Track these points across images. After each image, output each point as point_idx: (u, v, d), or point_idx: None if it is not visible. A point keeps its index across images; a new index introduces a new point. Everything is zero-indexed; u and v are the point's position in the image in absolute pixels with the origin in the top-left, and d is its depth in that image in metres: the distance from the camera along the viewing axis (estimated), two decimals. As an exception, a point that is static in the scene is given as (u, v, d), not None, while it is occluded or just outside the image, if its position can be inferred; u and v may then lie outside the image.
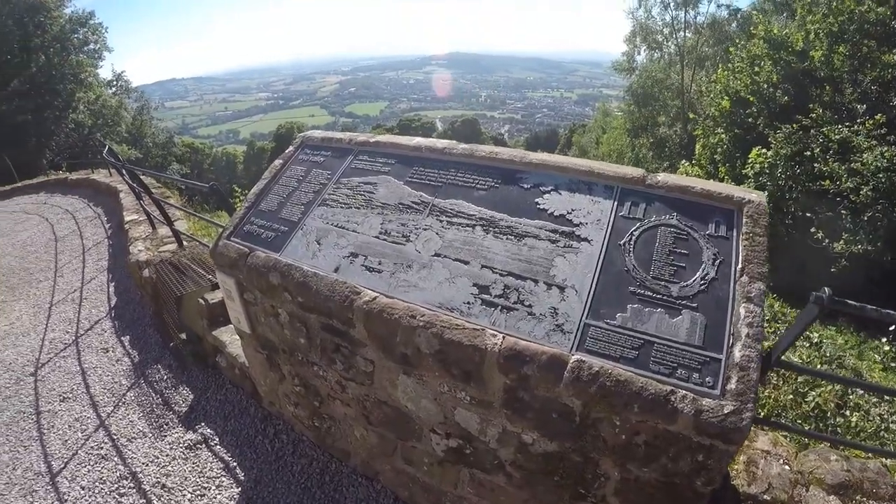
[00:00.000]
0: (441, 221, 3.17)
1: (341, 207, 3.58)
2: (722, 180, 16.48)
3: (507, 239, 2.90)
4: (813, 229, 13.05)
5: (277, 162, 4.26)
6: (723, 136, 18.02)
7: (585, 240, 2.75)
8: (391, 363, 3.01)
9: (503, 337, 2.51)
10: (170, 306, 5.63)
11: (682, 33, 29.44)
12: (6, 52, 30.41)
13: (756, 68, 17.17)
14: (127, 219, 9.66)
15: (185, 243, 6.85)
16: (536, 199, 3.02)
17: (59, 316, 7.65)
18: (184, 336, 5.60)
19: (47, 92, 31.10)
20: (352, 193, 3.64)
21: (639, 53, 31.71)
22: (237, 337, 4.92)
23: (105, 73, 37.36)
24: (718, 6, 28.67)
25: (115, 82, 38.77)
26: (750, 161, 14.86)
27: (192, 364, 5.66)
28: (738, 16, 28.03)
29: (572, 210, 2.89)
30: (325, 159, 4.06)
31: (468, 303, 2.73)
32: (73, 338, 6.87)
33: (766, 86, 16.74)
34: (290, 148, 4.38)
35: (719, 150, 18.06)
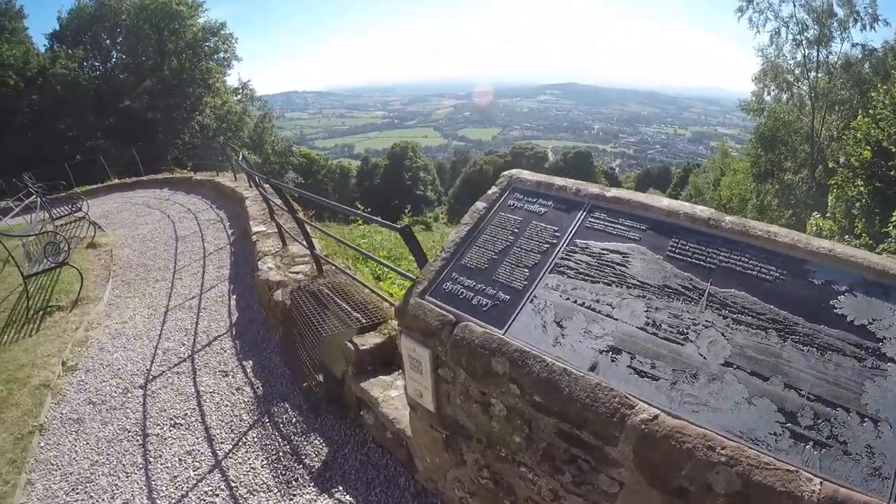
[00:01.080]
0: (724, 318, 2.43)
1: (583, 280, 2.76)
2: (859, 237, 15.74)
3: (808, 351, 2.24)
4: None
5: (480, 205, 3.46)
6: (862, 188, 16.44)
7: (892, 360, 2.14)
8: (655, 493, 2.28)
9: (820, 482, 1.96)
10: (308, 342, 4.87)
11: (813, 73, 27.28)
12: (142, 54, 32.43)
13: None
14: (254, 229, 9.15)
15: (323, 268, 6.15)
16: (832, 301, 2.34)
17: (175, 323, 7.15)
18: (320, 378, 4.82)
19: (177, 93, 32.87)
20: (595, 263, 2.82)
21: (768, 94, 29.59)
22: (391, 394, 4.13)
23: (232, 80, 39.29)
24: (853, 45, 26.65)
25: (240, 90, 40.40)
26: (893, 220, 13.62)
27: (326, 411, 4.80)
28: (872, 57, 26.02)
29: (873, 320, 2.24)
30: (545, 210, 3.27)
31: (775, 434, 2.09)
32: (190, 352, 6.28)
33: None
34: (494, 189, 3.56)
35: (857, 203, 16.53)
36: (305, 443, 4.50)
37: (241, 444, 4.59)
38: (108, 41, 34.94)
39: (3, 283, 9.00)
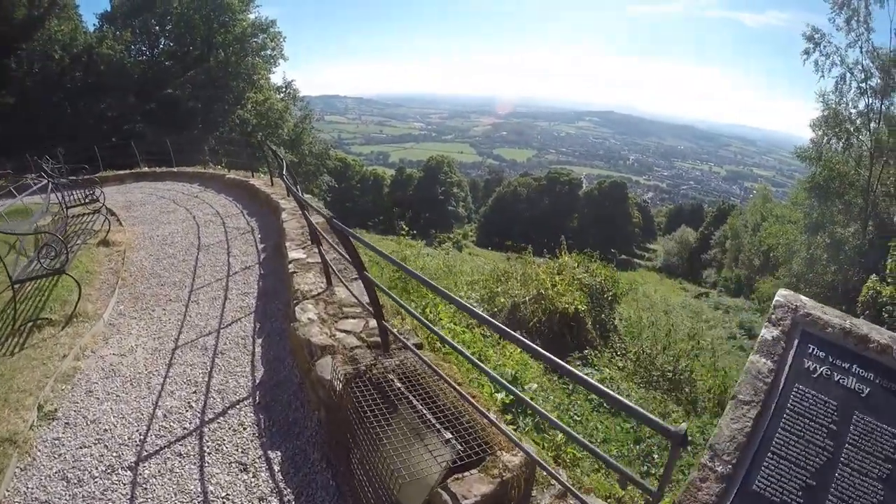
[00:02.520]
0: None
1: None
2: None
3: None
4: None
5: (760, 363, 2.18)
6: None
7: None
8: None
9: None
10: (367, 455, 3.25)
11: (874, 124, 25.92)
12: (190, 43, 31.76)
13: None
14: (291, 254, 7.55)
15: (391, 344, 4.49)
16: None
17: (183, 370, 5.60)
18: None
19: (221, 86, 32.24)
20: None
21: (827, 141, 28.02)
22: None
23: (276, 78, 38.60)
24: None
25: (284, 89, 40.02)
26: None
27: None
28: None
29: None
30: (868, 389, 1.97)
31: None
32: (198, 421, 4.71)
33: None
34: (773, 332, 2.23)
35: None
36: None
37: None
38: (157, 27, 34.52)
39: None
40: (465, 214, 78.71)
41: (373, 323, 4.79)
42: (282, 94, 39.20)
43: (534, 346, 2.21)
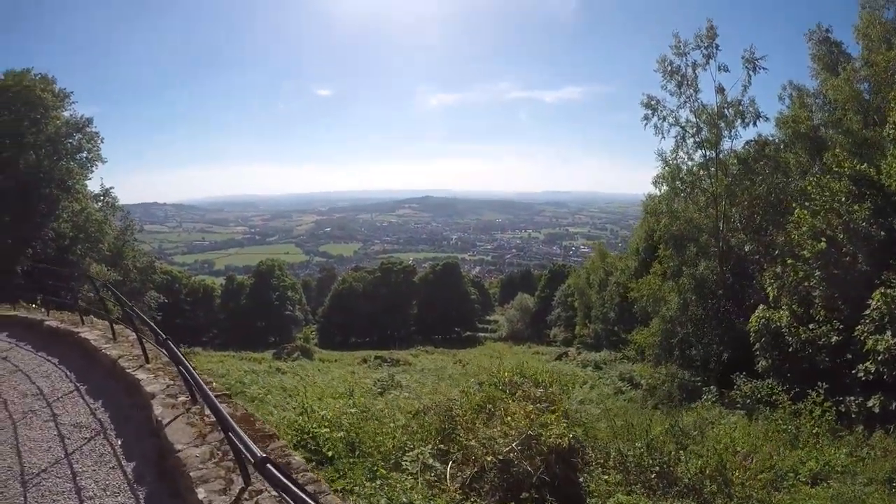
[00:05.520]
0: None
1: None
2: (823, 323, 17.51)
3: None
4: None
5: None
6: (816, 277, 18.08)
7: None
8: None
9: None
10: None
11: (713, 169, 28.44)
12: None
13: (854, 206, 17.24)
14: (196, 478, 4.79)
15: None
16: None
17: None
18: None
19: (32, 194, 27.76)
20: None
21: (675, 195, 30.33)
22: None
23: (93, 185, 34.35)
24: (747, 143, 28.26)
25: (102, 197, 35.68)
26: (873, 301, 15.12)
27: None
28: (767, 147, 27.59)
29: None
30: None
31: None
32: None
33: (863, 224, 16.90)
34: None
35: (816, 293, 18.12)
36: None
37: None
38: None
39: None
40: (302, 318, 75.74)
41: None
42: (100, 203, 35.03)
43: None
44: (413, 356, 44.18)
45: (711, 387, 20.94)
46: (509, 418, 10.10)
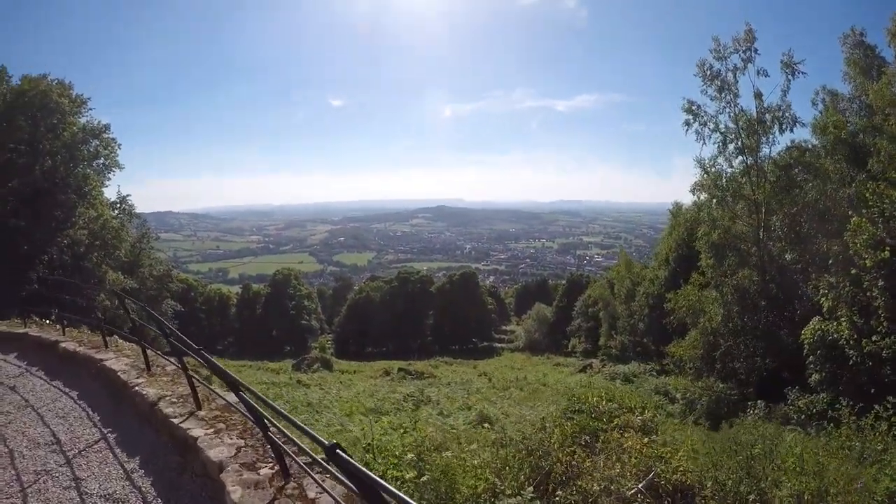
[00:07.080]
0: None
1: None
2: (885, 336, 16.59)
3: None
4: None
5: None
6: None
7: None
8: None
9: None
10: None
11: (753, 178, 27.70)
12: (12, 149, 26.68)
13: None
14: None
15: None
16: None
17: None
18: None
19: (48, 200, 27.20)
20: None
21: (714, 203, 29.50)
22: None
23: (110, 192, 33.95)
24: (787, 149, 27.53)
25: (118, 204, 35.42)
26: None
27: None
28: (805, 154, 26.79)
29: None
30: None
31: None
32: None
33: None
34: None
35: (877, 303, 17.14)
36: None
37: None
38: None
39: None
40: (317, 326, 75.12)
41: None
42: (116, 210, 34.87)
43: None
44: (434, 367, 43.62)
45: (758, 401, 19.78)
46: (626, 456, 8.36)
